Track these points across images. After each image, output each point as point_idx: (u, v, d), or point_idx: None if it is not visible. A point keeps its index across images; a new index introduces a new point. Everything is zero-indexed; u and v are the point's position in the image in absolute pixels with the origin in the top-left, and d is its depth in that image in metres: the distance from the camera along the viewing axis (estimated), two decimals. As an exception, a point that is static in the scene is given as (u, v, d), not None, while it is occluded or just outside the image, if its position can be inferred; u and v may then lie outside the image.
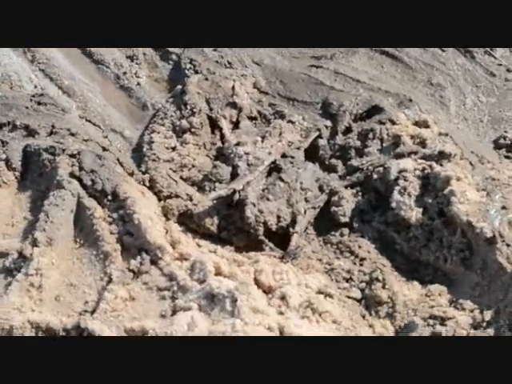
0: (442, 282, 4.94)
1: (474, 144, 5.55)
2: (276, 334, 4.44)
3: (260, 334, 4.34)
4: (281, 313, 4.66)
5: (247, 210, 5.14)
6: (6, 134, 5.78)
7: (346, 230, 5.29)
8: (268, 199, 5.26)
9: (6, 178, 5.59)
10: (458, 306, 4.74)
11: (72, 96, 6.16)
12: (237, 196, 5.22)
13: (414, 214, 5.07)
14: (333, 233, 5.33)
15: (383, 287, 4.91)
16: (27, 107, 5.92)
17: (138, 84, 6.25)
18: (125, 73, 6.30)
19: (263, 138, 5.62)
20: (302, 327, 4.52)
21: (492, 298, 4.67)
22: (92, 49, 6.41)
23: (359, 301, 4.95)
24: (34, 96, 6.04)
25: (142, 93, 6.19)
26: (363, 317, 4.86)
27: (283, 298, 4.74)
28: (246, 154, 5.46)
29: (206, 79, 6.01)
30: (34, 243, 5.10)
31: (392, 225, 5.18)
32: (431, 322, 4.69)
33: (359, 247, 5.16)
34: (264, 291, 4.83)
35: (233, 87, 5.93)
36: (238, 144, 5.54)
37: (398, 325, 4.77)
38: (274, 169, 5.44)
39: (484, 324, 4.58)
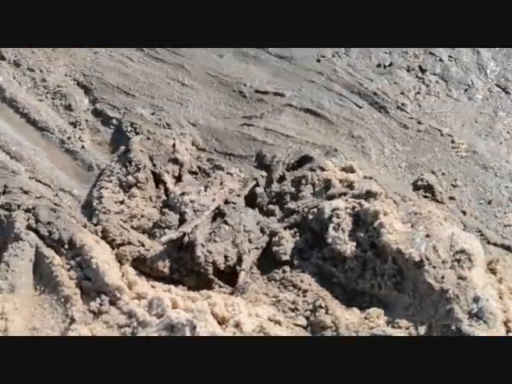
0: (378, 306, 5.39)
1: (395, 186, 6.13)
2: (234, 356, 4.82)
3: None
4: (236, 338, 5.05)
5: (197, 250, 5.55)
6: (-42, 197, 6.05)
7: (287, 268, 5.71)
8: (215, 241, 5.67)
9: (-37, 236, 5.83)
10: (395, 324, 5.21)
11: (20, 160, 6.46)
12: (186, 238, 5.63)
13: (349, 247, 5.55)
14: (275, 270, 5.73)
15: (326, 313, 5.33)
16: (-22, 172, 6.25)
17: (83, 147, 6.61)
18: (69, 137, 6.66)
19: (206, 187, 6.07)
20: (257, 349, 4.91)
21: (424, 315, 5.15)
22: (36, 117, 6.79)
23: (305, 327, 5.35)
24: (-17, 162, 6.37)
25: (86, 155, 6.55)
26: (309, 341, 5.29)
27: (237, 325, 5.11)
28: (192, 201, 5.89)
29: (148, 138, 6.43)
30: (-3, 290, 5.38)
31: (329, 259, 5.64)
32: (372, 340, 5.19)
33: (301, 281, 5.57)
34: (218, 322, 5.17)
35: (173, 145, 6.37)
36: (183, 194, 5.95)
37: (342, 346, 5.21)
38: (218, 214, 5.87)
39: (419, 338, 5.10)
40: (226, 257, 5.64)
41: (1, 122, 6.77)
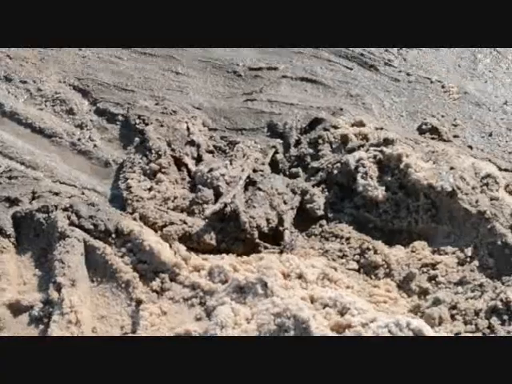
0: (418, 240, 5.74)
1: (403, 133, 6.47)
2: (308, 302, 5.03)
3: (296, 304, 4.89)
4: (304, 288, 5.27)
5: (242, 217, 5.73)
6: (-10, 210, 6.08)
7: (323, 222, 5.95)
8: (254, 207, 5.87)
9: (5, 244, 5.83)
10: (442, 252, 5.55)
11: (37, 168, 6.48)
12: (228, 208, 5.82)
13: (380, 192, 5.85)
14: (313, 226, 5.96)
15: (375, 253, 5.63)
16: (1, 183, 6.28)
17: (95, 146, 6.70)
18: (79, 139, 6.75)
19: (231, 161, 6.25)
20: (327, 292, 5.15)
21: (467, 239, 5.51)
22: (41, 125, 6.84)
23: (358, 270, 5.64)
24: (2, 173, 6.38)
25: (100, 153, 6.64)
26: (366, 281, 5.57)
27: (300, 276, 5.33)
28: (222, 175, 6.04)
29: (162, 126, 6.58)
30: (59, 287, 5.42)
31: (362, 207, 5.92)
32: (424, 269, 5.50)
33: (341, 230, 5.82)
34: (280, 278, 5.39)
35: (187, 128, 6.55)
36: (211, 170, 6.12)
37: (397, 280, 5.49)
38: (249, 183, 6.07)
39: (468, 259, 5.43)
40: (267, 220, 5.84)
41: (7, 136, 6.79)
